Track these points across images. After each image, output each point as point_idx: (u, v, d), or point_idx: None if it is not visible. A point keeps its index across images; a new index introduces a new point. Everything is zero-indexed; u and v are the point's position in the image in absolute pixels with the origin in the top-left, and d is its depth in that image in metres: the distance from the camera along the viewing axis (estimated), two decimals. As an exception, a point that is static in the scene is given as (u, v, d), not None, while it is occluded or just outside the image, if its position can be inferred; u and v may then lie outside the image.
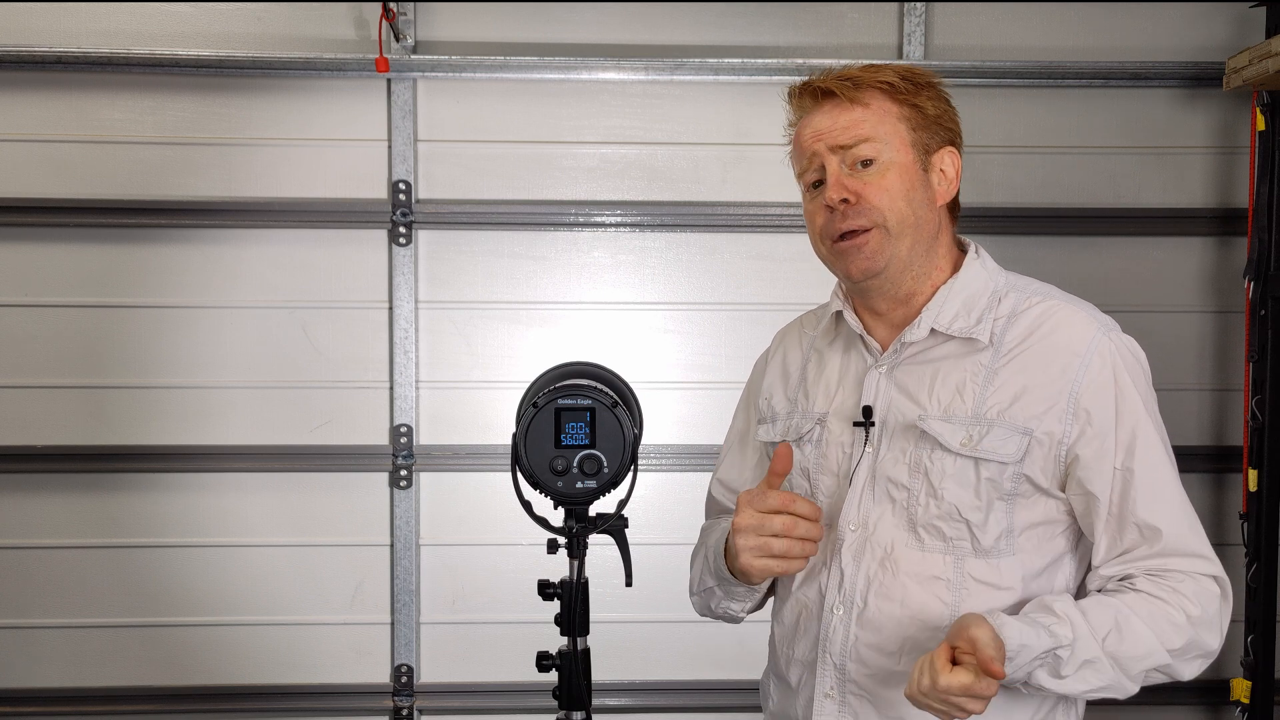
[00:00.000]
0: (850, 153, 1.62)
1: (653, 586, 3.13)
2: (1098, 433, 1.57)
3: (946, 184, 1.68)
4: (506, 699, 3.21)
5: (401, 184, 3.12)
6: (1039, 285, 1.70)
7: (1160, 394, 3.31)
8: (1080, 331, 1.61)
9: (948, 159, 1.68)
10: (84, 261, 3.12)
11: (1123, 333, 1.65)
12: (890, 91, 1.64)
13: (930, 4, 3.16)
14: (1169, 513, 1.58)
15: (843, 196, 1.62)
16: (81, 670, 3.19)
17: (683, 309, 3.22)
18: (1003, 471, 1.57)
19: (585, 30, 3.16)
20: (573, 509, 1.67)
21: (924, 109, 1.66)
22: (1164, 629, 1.53)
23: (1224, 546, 3.26)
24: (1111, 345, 1.61)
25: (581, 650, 1.71)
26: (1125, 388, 1.59)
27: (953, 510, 1.58)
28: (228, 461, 3.16)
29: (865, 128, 1.63)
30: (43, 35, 3.07)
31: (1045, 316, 1.63)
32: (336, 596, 3.22)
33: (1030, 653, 1.46)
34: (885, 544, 1.62)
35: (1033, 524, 1.60)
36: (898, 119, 1.64)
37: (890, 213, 1.61)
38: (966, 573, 1.58)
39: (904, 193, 1.62)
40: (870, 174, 1.62)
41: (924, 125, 1.66)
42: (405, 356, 3.16)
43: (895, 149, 1.63)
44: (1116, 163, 3.22)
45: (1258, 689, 3.12)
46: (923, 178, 1.65)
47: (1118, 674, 1.52)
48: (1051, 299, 1.66)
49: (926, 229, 1.65)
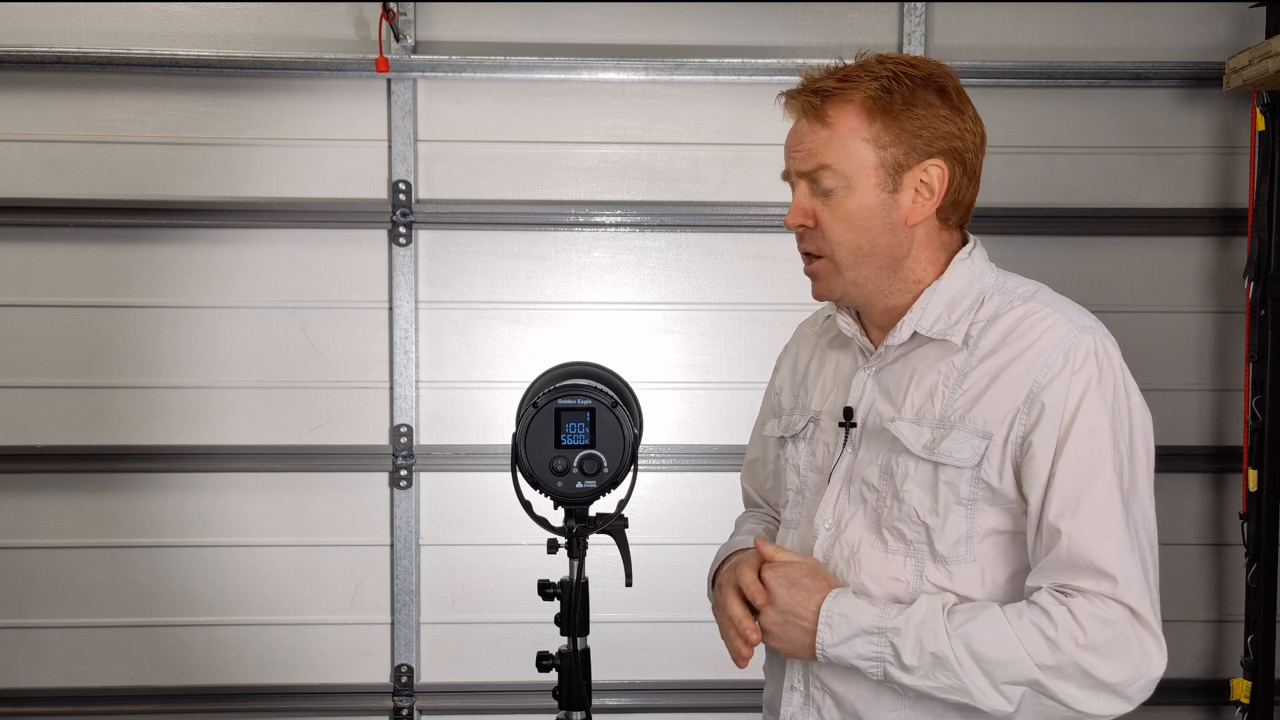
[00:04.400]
0: (812, 177, 1.58)
1: (653, 586, 3.14)
2: (1048, 426, 1.50)
3: (925, 200, 1.59)
4: (506, 699, 3.21)
5: (401, 184, 3.12)
6: (1028, 287, 1.63)
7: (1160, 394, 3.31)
8: (1053, 332, 1.53)
9: (932, 172, 1.58)
10: (84, 261, 3.12)
11: (1104, 335, 1.56)
12: (865, 106, 1.55)
13: (930, 4, 3.16)
14: (1082, 520, 1.47)
15: (797, 224, 1.60)
16: (81, 670, 3.19)
17: (683, 309, 3.22)
18: (960, 475, 1.54)
19: (585, 30, 3.16)
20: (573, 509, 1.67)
21: (901, 123, 1.56)
22: (1033, 640, 1.45)
23: (1224, 546, 3.27)
24: (1083, 345, 1.52)
25: (581, 650, 1.71)
26: (1078, 386, 1.50)
27: (912, 513, 1.56)
28: (228, 461, 3.16)
29: (826, 154, 1.56)
30: (43, 35, 3.07)
31: (1023, 319, 1.56)
32: (336, 596, 3.22)
33: (851, 624, 1.51)
34: (853, 543, 1.61)
35: (996, 531, 1.55)
36: (864, 140, 1.55)
37: (840, 246, 1.58)
38: (925, 576, 1.55)
39: (859, 224, 1.57)
40: (829, 203, 1.57)
41: (898, 141, 1.56)
42: (405, 356, 3.16)
43: (855, 175, 1.56)
44: (1116, 163, 3.22)
45: (1258, 689, 3.12)
46: (887, 201, 1.57)
47: (980, 679, 1.46)
48: (1034, 301, 1.58)
49: (887, 254, 1.59)
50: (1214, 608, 3.30)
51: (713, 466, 3.20)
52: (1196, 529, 3.28)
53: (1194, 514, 3.27)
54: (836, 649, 1.53)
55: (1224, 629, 3.29)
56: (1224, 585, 3.28)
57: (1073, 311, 1.58)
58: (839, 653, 1.53)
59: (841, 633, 1.52)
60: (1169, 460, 3.21)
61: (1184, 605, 3.29)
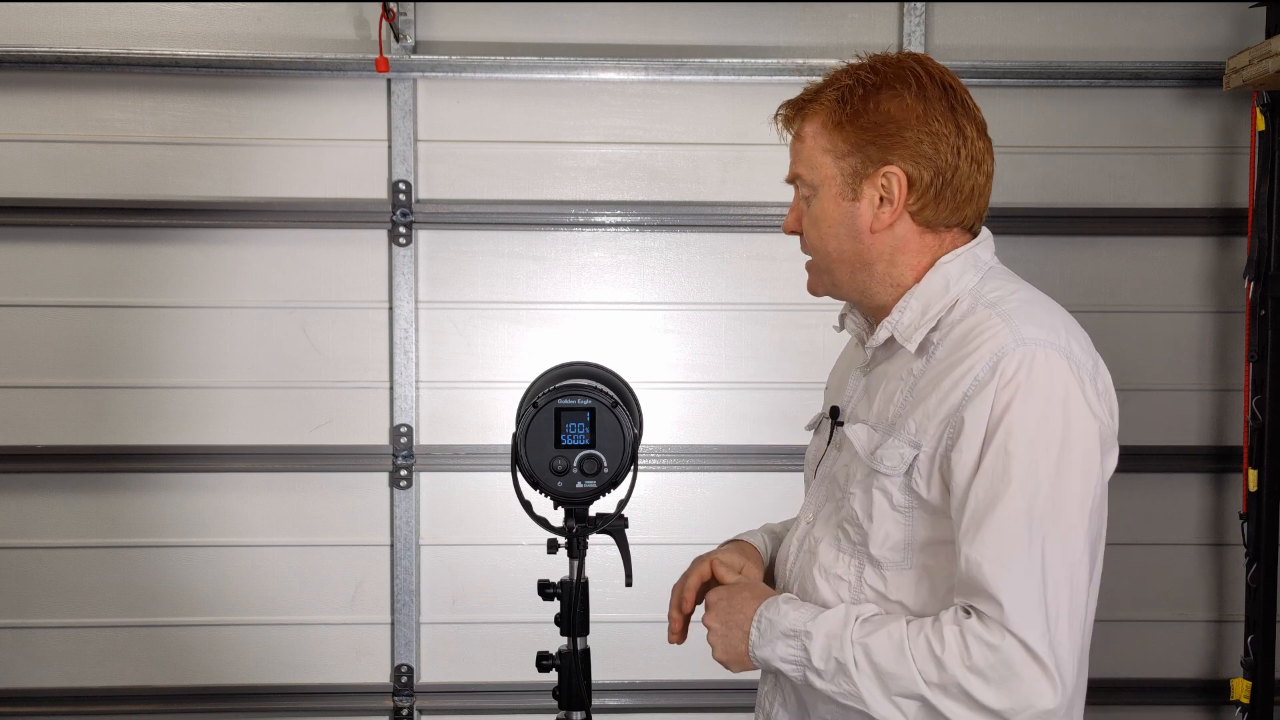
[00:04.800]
0: (794, 184, 1.64)
1: (653, 586, 3.10)
2: (965, 445, 1.46)
3: (887, 209, 1.56)
4: (506, 699, 3.21)
5: (401, 184, 3.12)
6: (1003, 291, 1.56)
7: (1160, 394, 3.31)
8: (991, 344, 1.47)
9: (890, 179, 1.54)
10: (84, 261, 3.12)
11: (1051, 347, 1.46)
12: (825, 116, 1.58)
13: (930, 4, 3.16)
14: (981, 542, 1.43)
15: (788, 228, 1.67)
16: (81, 670, 3.19)
17: (683, 309, 3.22)
18: (893, 483, 1.53)
19: (585, 30, 3.16)
20: (573, 509, 1.67)
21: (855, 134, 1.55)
22: (924, 656, 1.43)
23: (1224, 546, 3.27)
24: (1015, 359, 1.45)
25: (581, 650, 1.71)
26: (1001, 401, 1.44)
27: (853, 515, 1.58)
28: (228, 461, 3.16)
29: (799, 163, 1.62)
30: (43, 35, 3.07)
31: (973, 327, 1.51)
32: (336, 596, 3.21)
33: (774, 628, 1.55)
34: (817, 538, 1.65)
35: (939, 541, 1.52)
36: (824, 150, 1.58)
37: (816, 252, 1.63)
38: (864, 579, 1.57)
39: (826, 232, 1.60)
40: (808, 210, 1.62)
41: (854, 150, 1.55)
42: (405, 356, 3.15)
43: (820, 184, 1.59)
44: (1116, 163, 3.22)
45: (1258, 689, 3.12)
46: (848, 209, 1.57)
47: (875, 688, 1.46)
48: (994, 307, 1.52)
49: (855, 260, 1.59)
50: (1214, 608, 3.30)
51: (713, 466, 3.20)
52: (1196, 529, 3.28)
53: (1194, 514, 3.27)
54: (762, 650, 1.56)
55: (1224, 629, 3.29)
56: (1224, 585, 3.28)
57: (1025, 321, 1.49)
58: (764, 655, 1.56)
59: (767, 636, 1.56)
60: (1169, 460, 3.23)
61: (1184, 605, 3.29)
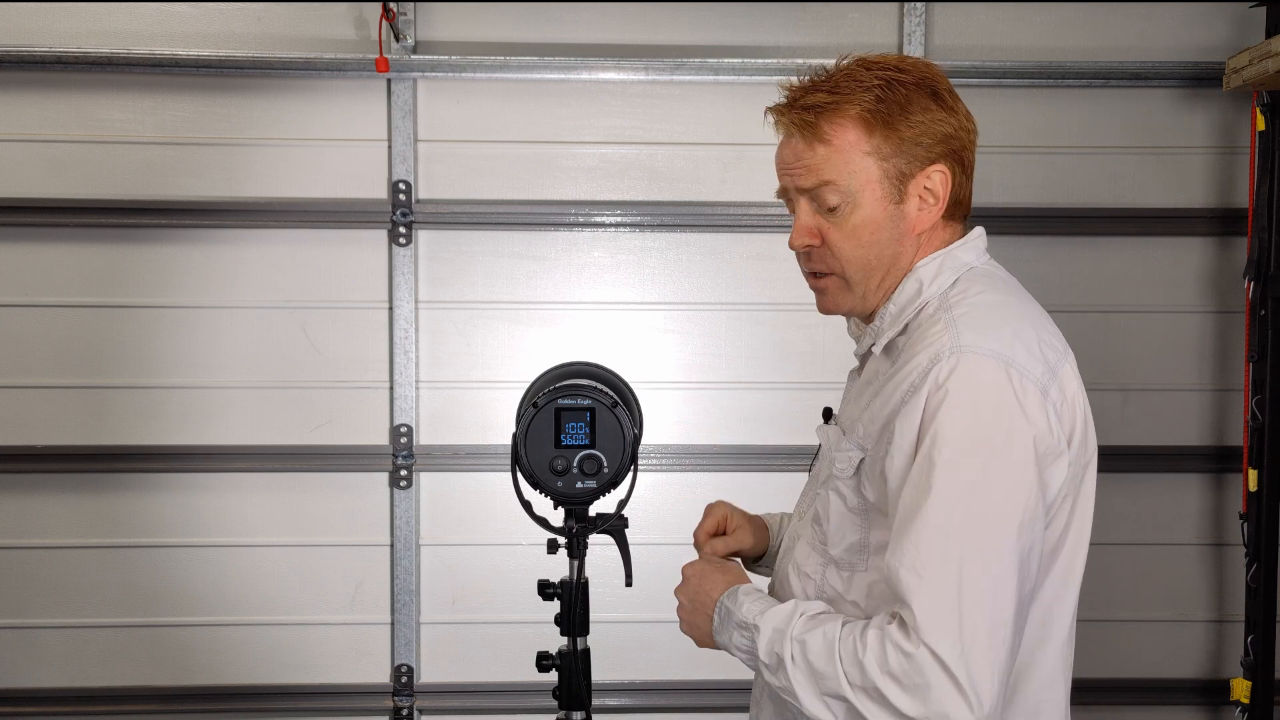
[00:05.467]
0: (814, 194, 1.54)
1: (653, 586, 3.11)
2: (896, 453, 1.45)
3: (930, 208, 1.55)
4: (506, 699, 3.21)
5: (401, 184, 3.12)
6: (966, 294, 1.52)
7: (1160, 394, 3.30)
8: (929, 350, 1.45)
9: (935, 178, 1.54)
10: (84, 261, 3.12)
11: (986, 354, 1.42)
12: (862, 118, 1.51)
13: (930, 4, 3.16)
14: (899, 550, 1.40)
15: (804, 244, 1.57)
16: (81, 670, 3.19)
17: (683, 309, 3.22)
18: (846, 485, 1.54)
19: (585, 30, 3.16)
20: (573, 509, 1.67)
21: (900, 131, 1.51)
22: (849, 657, 1.41)
23: (1224, 546, 3.27)
24: (946, 367, 1.42)
25: (581, 650, 1.71)
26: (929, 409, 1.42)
27: (818, 515, 1.60)
28: (228, 461, 3.16)
29: (827, 170, 1.52)
30: (43, 35, 3.07)
31: (925, 331, 1.49)
32: (336, 596, 3.21)
33: (731, 617, 1.56)
34: (796, 535, 1.67)
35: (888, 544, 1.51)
36: (865, 154, 1.51)
37: (850, 264, 1.55)
38: (827, 578, 1.58)
39: (868, 240, 1.53)
40: (834, 219, 1.53)
41: (899, 152, 1.52)
42: (405, 356, 3.15)
43: (861, 189, 1.52)
44: (1116, 163, 3.22)
45: (1258, 689, 3.12)
46: (894, 212, 1.53)
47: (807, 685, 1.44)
48: (946, 311, 1.49)
49: (897, 264, 1.56)
50: (1214, 608, 3.30)
51: (713, 466, 3.20)
52: (1196, 529, 3.28)
53: (1194, 514, 3.27)
54: (720, 637, 1.58)
55: (1224, 629, 3.29)
56: (1224, 585, 3.28)
57: (970, 326, 1.46)
58: (722, 641, 1.58)
59: (724, 624, 1.57)
60: (1169, 460, 3.23)
61: (1184, 605, 3.29)
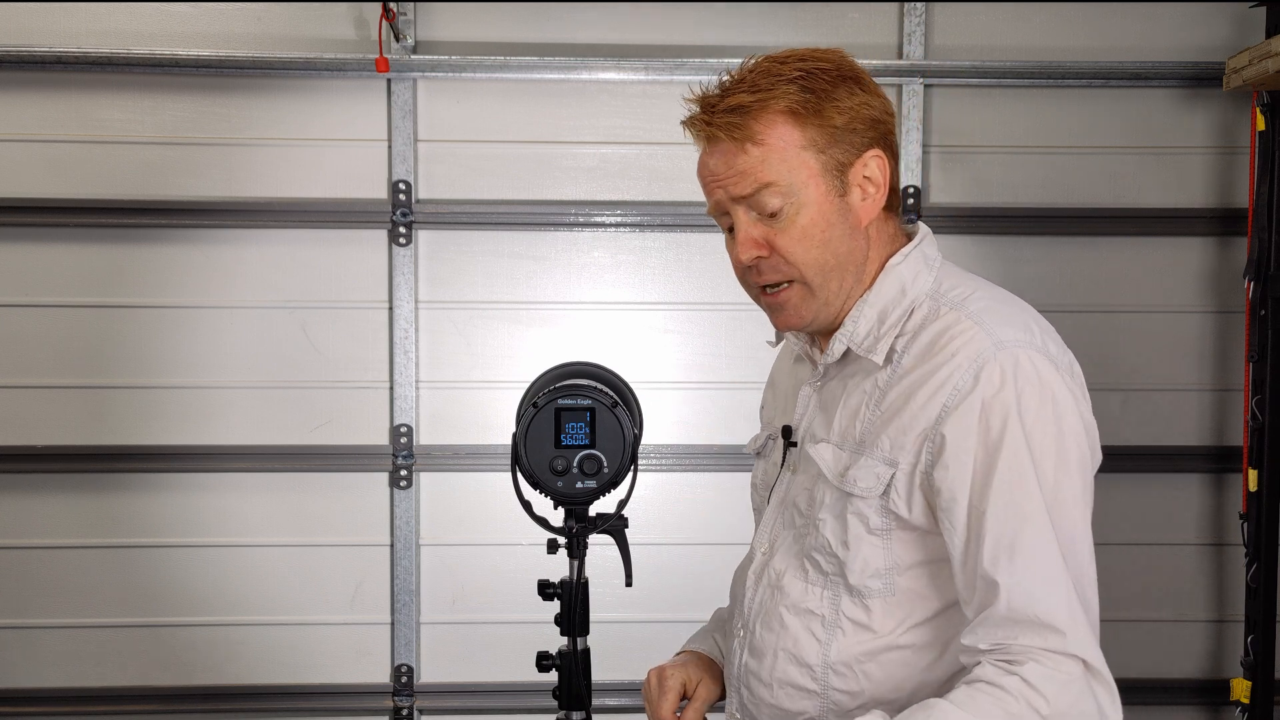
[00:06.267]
0: (753, 201, 1.44)
1: (653, 586, 3.14)
2: (953, 462, 1.36)
3: (872, 197, 1.48)
4: (506, 699, 3.21)
5: (401, 184, 3.12)
6: (964, 289, 1.47)
7: (1160, 394, 3.30)
8: (968, 350, 1.37)
9: (872, 165, 1.46)
10: (84, 261, 3.12)
11: (1031, 349, 1.38)
12: (792, 111, 1.42)
13: (930, 4, 3.16)
14: (1020, 567, 1.32)
15: (753, 257, 1.47)
16: (81, 670, 3.19)
17: (683, 309, 3.22)
18: (869, 505, 1.43)
19: (585, 30, 3.16)
20: (573, 509, 1.67)
21: (832, 120, 1.43)
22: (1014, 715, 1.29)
23: (1224, 546, 3.27)
24: (998, 365, 1.36)
25: (581, 650, 1.71)
26: (996, 411, 1.35)
27: (825, 544, 1.47)
28: (228, 461, 3.15)
29: (765, 171, 1.43)
30: (43, 35, 3.06)
31: (942, 332, 1.41)
32: (336, 596, 3.21)
33: None
34: (779, 570, 1.54)
35: (920, 562, 1.43)
36: (801, 148, 1.43)
37: (806, 266, 1.46)
38: (841, 611, 1.46)
39: (820, 238, 1.44)
40: (779, 224, 1.44)
41: (834, 141, 1.44)
42: (405, 356, 3.15)
43: (803, 186, 1.43)
44: (1116, 163, 3.22)
45: (1258, 689, 3.12)
46: (840, 206, 1.45)
47: None
48: (960, 309, 1.43)
49: (853, 260, 1.48)
50: (1214, 608, 3.29)
51: (713, 466, 3.19)
52: (1196, 529, 3.28)
53: (1194, 514, 3.27)
54: None
55: (1224, 629, 3.29)
56: (1224, 585, 3.28)
57: (998, 322, 1.41)
58: None
59: None
60: (1169, 460, 3.23)
61: (1184, 605, 3.29)
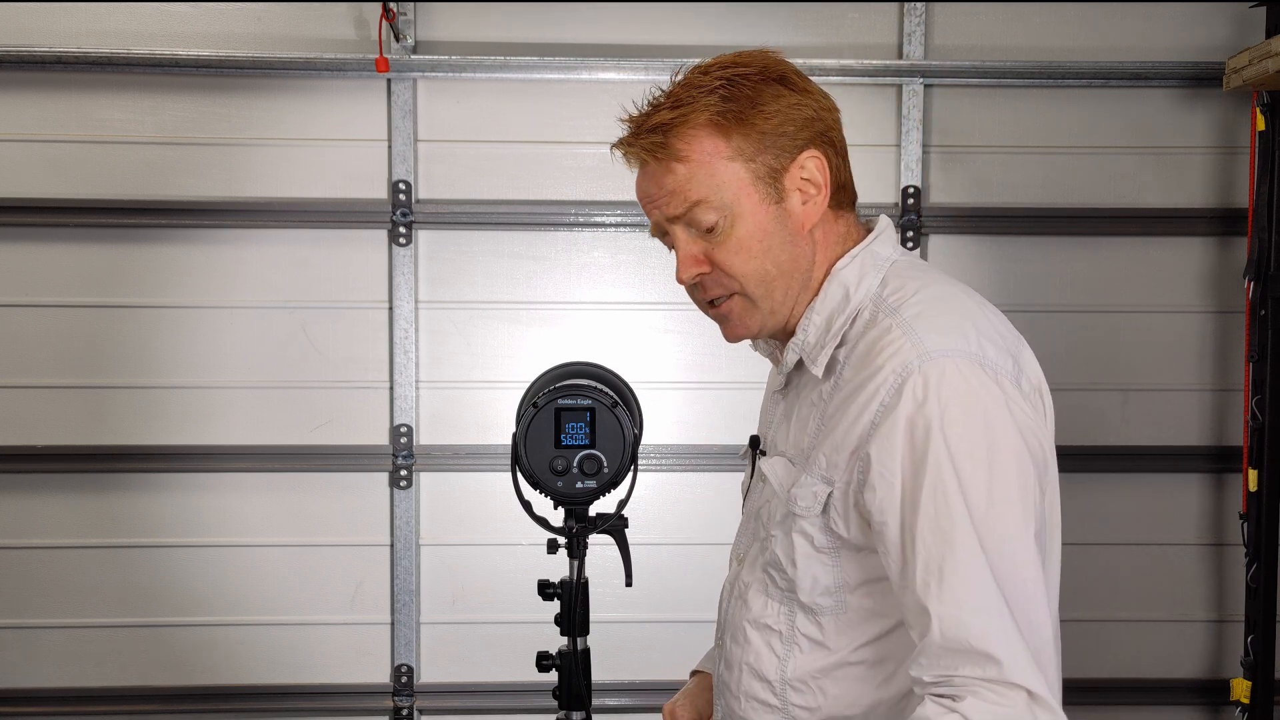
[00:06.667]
0: (688, 219, 1.42)
1: (653, 586, 3.14)
2: (879, 483, 1.31)
3: (814, 199, 1.42)
4: (506, 699, 3.21)
5: (401, 184, 3.12)
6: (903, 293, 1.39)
7: (1160, 394, 3.29)
8: (893, 362, 1.32)
9: (810, 166, 1.41)
10: (84, 261, 3.12)
11: (961, 357, 1.31)
12: (714, 123, 1.39)
13: (930, 4, 3.16)
14: (948, 594, 1.25)
15: (694, 275, 1.44)
16: (81, 670, 3.19)
17: (683, 309, 3.18)
18: (810, 524, 1.39)
19: (585, 30, 3.16)
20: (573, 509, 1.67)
21: (758, 126, 1.39)
22: None
23: (1224, 546, 3.27)
24: (922, 377, 1.29)
25: (581, 650, 1.71)
26: (919, 427, 1.29)
27: (777, 560, 1.44)
28: (228, 461, 3.16)
29: (694, 189, 1.40)
30: (43, 35, 3.07)
31: (876, 340, 1.35)
32: (336, 596, 3.21)
33: None
34: (746, 583, 1.52)
35: (868, 580, 1.38)
36: (728, 160, 1.39)
37: (748, 279, 1.42)
38: (796, 627, 1.43)
39: (758, 248, 1.40)
40: (717, 239, 1.40)
41: (763, 148, 1.39)
42: (405, 356, 3.15)
43: (735, 199, 1.39)
44: (1116, 163, 3.22)
45: (1258, 689, 3.12)
46: (778, 213, 1.41)
47: None
48: (895, 315, 1.36)
49: (797, 267, 1.43)
50: (1214, 608, 3.29)
51: (713, 466, 3.19)
52: (1196, 529, 3.28)
53: (1194, 514, 3.27)
54: None
55: (1224, 629, 3.29)
56: (1224, 585, 3.28)
57: (929, 329, 1.33)
58: None
59: None
60: (1169, 460, 3.23)
61: (1184, 605, 3.29)
